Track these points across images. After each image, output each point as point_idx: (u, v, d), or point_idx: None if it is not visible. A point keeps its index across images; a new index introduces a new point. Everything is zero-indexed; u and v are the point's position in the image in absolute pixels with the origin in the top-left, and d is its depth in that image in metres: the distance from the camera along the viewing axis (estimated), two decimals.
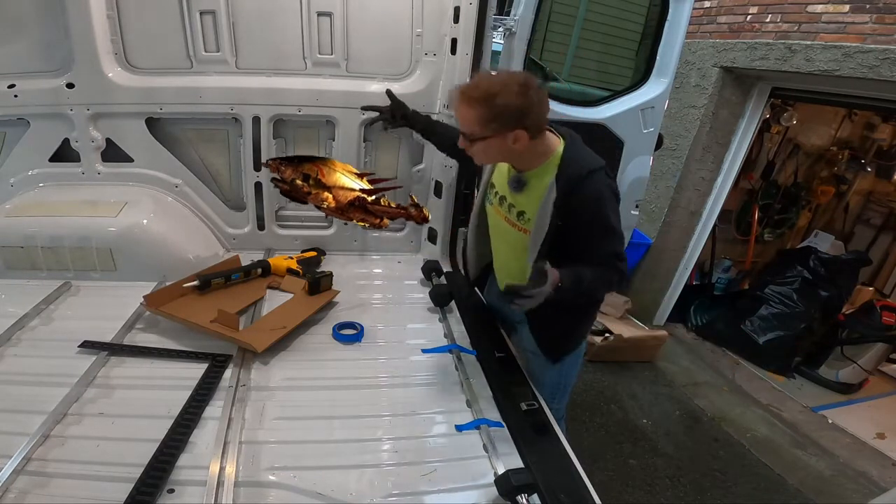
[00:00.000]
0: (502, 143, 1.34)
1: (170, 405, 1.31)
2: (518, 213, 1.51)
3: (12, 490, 1.04)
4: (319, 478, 1.16)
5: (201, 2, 1.93)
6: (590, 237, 1.42)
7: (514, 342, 1.85)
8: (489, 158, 1.47)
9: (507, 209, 1.54)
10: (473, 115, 1.31)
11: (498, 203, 1.58)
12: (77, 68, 1.92)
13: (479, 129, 1.33)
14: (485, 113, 1.30)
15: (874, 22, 2.76)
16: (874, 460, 2.98)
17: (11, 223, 1.88)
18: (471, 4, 1.98)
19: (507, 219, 1.55)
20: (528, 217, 1.48)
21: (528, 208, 1.47)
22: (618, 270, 1.45)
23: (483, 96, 1.29)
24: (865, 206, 5.11)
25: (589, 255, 1.43)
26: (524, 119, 1.30)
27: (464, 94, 1.32)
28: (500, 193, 1.57)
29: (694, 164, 3.79)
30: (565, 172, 1.39)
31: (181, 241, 2.07)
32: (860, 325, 3.74)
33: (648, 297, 4.17)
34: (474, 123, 1.32)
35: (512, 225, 1.54)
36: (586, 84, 3.58)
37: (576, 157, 1.42)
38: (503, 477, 1.14)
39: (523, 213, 1.50)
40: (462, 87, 1.36)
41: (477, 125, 1.32)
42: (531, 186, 1.46)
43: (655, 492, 2.60)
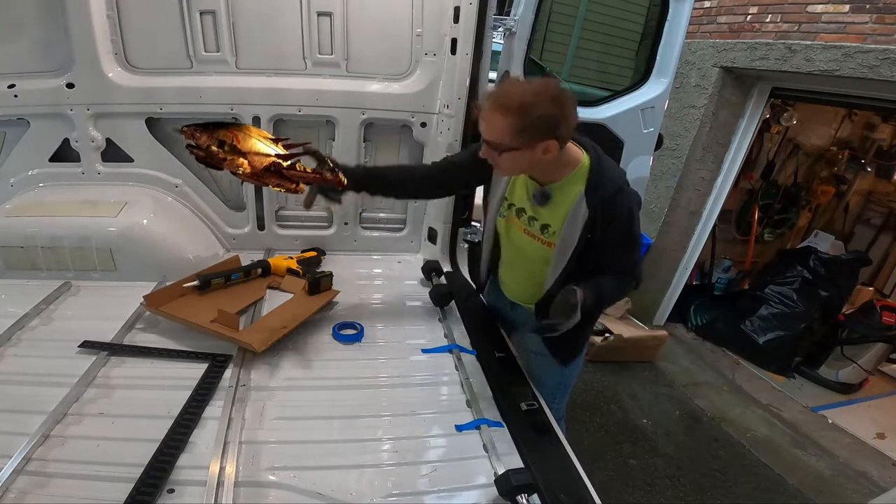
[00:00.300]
0: (532, 155, 1.29)
1: (170, 405, 1.31)
2: (542, 227, 1.48)
3: (12, 490, 1.04)
4: (319, 478, 1.16)
5: (201, 2, 1.93)
6: (617, 251, 1.45)
7: (514, 342, 1.85)
8: (514, 170, 1.42)
9: (528, 222, 1.51)
10: (506, 125, 1.25)
11: (515, 215, 1.55)
12: (77, 68, 1.92)
13: (509, 139, 1.26)
14: (518, 123, 1.24)
15: (874, 22, 2.76)
16: (874, 460, 2.98)
17: (11, 223, 1.88)
18: (471, 4, 1.98)
19: (528, 231, 1.52)
20: (552, 230, 1.46)
21: (553, 221, 1.45)
22: (635, 278, 1.53)
23: (518, 106, 1.23)
24: (865, 206, 5.11)
25: (612, 266, 1.48)
26: (556, 129, 1.26)
27: (497, 103, 1.26)
28: (516, 206, 1.54)
29: (694, 164, 3.79)
30: (596, 188, 1.37)
31: (181, 241, 2.07)
32: (860, 325, 3.74)
33: (648, 297, 4.17)
34: (505, 133, 1.26)
35: (533, 237, 1.51)
36: (586, 84, 3.58)
37: (604, 170, 1.40)
38: (503, 477, 1.14)
39: (547, 226, 1.47)
40: (495, 95, 1.30)
41: (508, 135, 1.26)
42: (556, 200, 1.43)
43: (655, 492, 2.60)
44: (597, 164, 1.39)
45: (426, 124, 2.23)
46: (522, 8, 2.17)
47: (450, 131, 2.16)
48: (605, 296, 1.48)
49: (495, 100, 1.27)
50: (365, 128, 2.23)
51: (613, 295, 1.54)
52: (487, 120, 1.29)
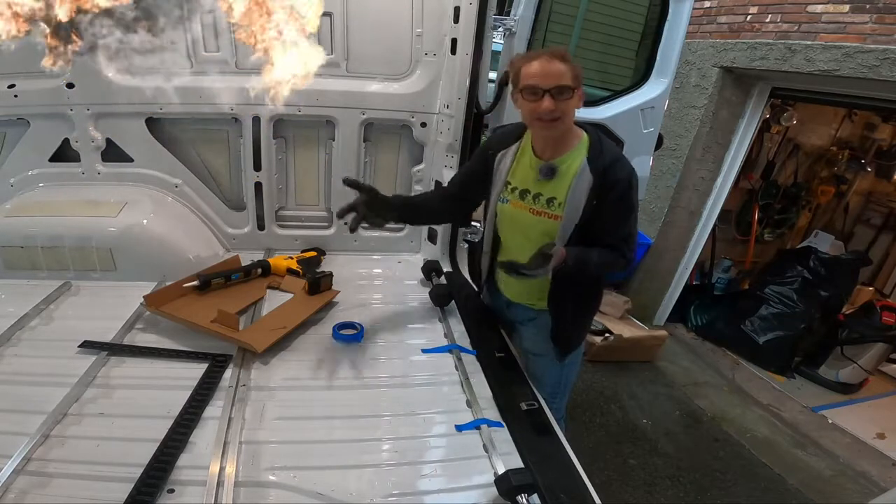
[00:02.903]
0: (577, 102, 1.45)
1: (170, 405, 1.31)
2: (548, 200, 1.54)
3: (12, 490, 1.04)
4: (319, 478, 1.16)
5: (201, 2, 1.93)
6: (615, 217, 1.50)
7: (514, 342, 1.85)
8: (568, 118, 1.49)
9: (533, 200, 1.56)
10: (569, 70, 1.40)
11: (518, 198, 1.59)
12: (77, 68, 1.92)
13: (573, 81, 1.40)
14: (574, 68, 1.41)
15: (874, 22, 2.76)
16: (874, 460, 2.98)
17: (11, 223, 1.88)
18: (471, 4, 1.98)
19: (533, 209, 1.57)
20: (558, 202, 1.52)
21: (559, 193, 1.52)
22: (625, 256, 1.56)
23: (568, 55, 1.42)
24: (865, 206, 5.11)
25: (608, 235, 1.52)
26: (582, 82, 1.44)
27: (554, 54, 1.41)
28: (518, 188, 1.59)
29: (694, 164, 3.79)
30: (598, 156, 1.48)
31: (181, 241, 2.07)
32: (860, 325, 3.73)
33: (648, 297, 4.17)
34: (571, 77, 1.40)
35: (538, 214, 1.56)
36: (586, 84, 3.57)
37: (604, 142, 1.53)
38: (503, 477, 1.14)
39: (553, 198, 1.53)
40: (543, 52, 1.45)
41: (572, 78, 1.40)
42: (561, 172, 1.51)
43: (655, 492, 2.60)
44: (596, 137, 1.52)
45: (426, 124, 2.23)
46: (522, 8, 2.16)
47: (450, 131, 2.16)
48: (590, 260, 1.51)
49: (549, 53, 1.42)
50: (365, 128, 2.23)
51: (601, 263, 1.54)
52: (547, 68, 1.40)
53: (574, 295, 1.64)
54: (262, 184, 2.25)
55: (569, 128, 1.50)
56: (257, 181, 2.24)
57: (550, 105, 1.40)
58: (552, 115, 1.41)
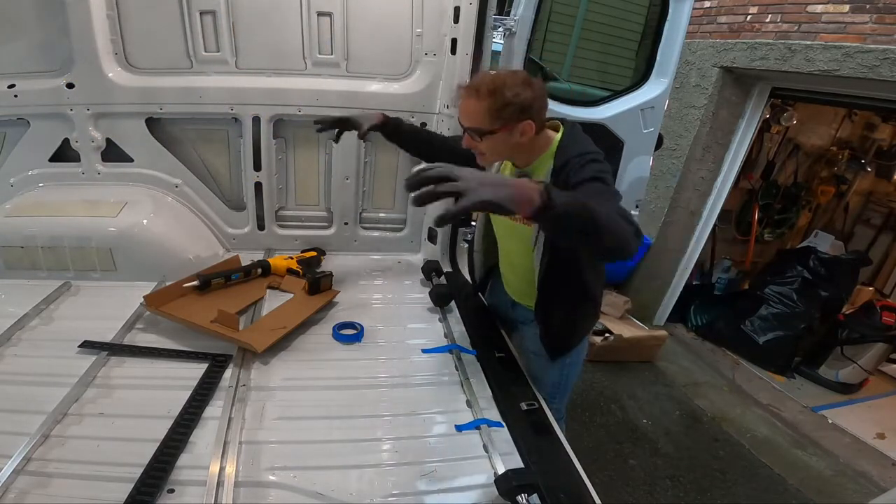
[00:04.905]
0: (510, 137, 1.34)
1: (170, 405, 1.31)
2: None
3: (12, 490, 1.04)
4: (319, 478, 1.16)
5: (201, 2, 1.93)
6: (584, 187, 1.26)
7: (514, 342, 1.85)
8: (496, 155, 1.45)
9: None
10: (482, 108, 1.31)
11: None
12: (77, 68, 1.92)
13: (488, 121, 1.32)
14: (493, 104, 1.29)
15: (874, 22, 2.76)
16: (874, 460, 2.98)
17: (11, 223, 1.88)
18: (471, 4, 1.98)
19: (512, 217, 1.54)
20: None
21: None
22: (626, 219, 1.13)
23: (491, 88, 1.29)
24: (865, 206, 5.11)
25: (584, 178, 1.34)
26: (530, 110, 1.32)
27: (471, 89, 1.33)
28: None
29: (694, 164, 3.79)
30: (561, 154, 1.39)
31: (181, 241, 2.07)
32: (860, 325, 3.74)
33: (648, 297, 4.17)
34: (485, 116, 1.31)
35: (518, 221, 1.54)
36: (586, 84, 3.58)
37: (574, 140, 1.42)
38: (503, 477, 1.14)
39: None
40: (468, 84, 1.37)
41: (487, 118, 1.31)
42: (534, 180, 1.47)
43: (655, 492, 2.60)
44: (567, 136, 1.42)
45: (426, 124, 2.22)
46: (522, 8, 2.17)
47: (450, 131, 2.16)
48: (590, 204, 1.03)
49: (469, 86, 1.34)
50: None
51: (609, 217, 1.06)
52: (463, 107, 1.35)
53: (561, 300, 1.60)
54: (262, 184, 2.25)
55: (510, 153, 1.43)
56: (257, 181, 2.24)
57: (468, 143, 1.38)
58: (473, 151, 1.40)
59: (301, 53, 2.09)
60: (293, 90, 2.11)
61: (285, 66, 2.09)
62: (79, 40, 1.87)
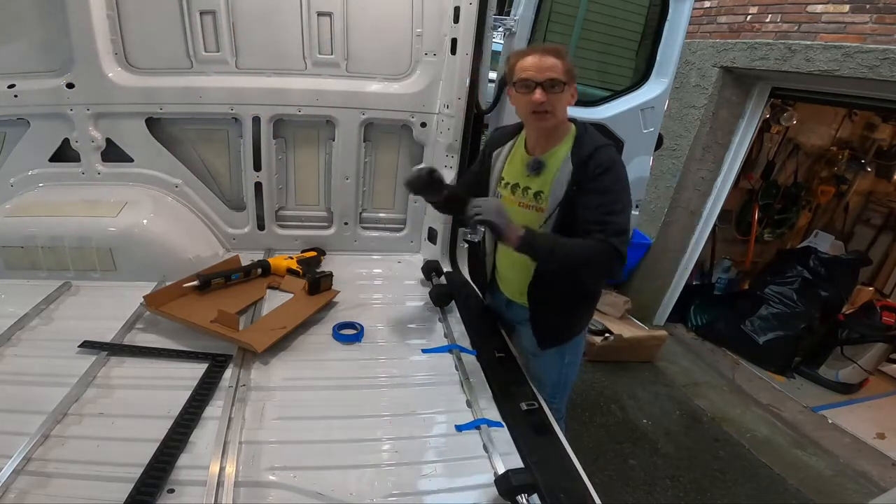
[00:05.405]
0: (569, 98, 1.49)
1: (170, 405, 1.31)
2: (535, 194, 1.57)
3: (12, 490, 1.04)
4: (319, 478, 1.16)
5: (201, 2, 1.93)
6: (591, 200, 1.45)
7: (514, 342, 1.85)
8: (561, 111, 1.52)
9: (522, 193, 1.60)
10: (560, 64, 1.45)
11: (510, 192, 1.63)
12: (77, 68, 1.92)
13: (565, 76, 1.45)
14: (566, 64, 1.46)
15: (874, 22, 2.76)
16: (874, 460, 2.98)
17: (11, 223, 1.88)
18: (471, 4, 1.98)
19: (522, 203, 1.60)
20: (544, 195, 1.55)
21: (545, 187, 1.54)
22: (607, 245, 1.38)
23: (563, 51, 1.48)
24: (865, 206, 5.11)
25: (585, 222, 1.44)
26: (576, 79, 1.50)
27: (548, 49, 1.47)
28: (510, 183, 1.63)
29: (694, 164, 3.79)
30: (580, 146, 1.50)
31: (181, 241, 2.07)
32: (860, 325, 3.73)
33: (648, 297, 4.17)
34: (562, 71, 1.45)
35: (526, 207, 1.59)
36: (586, 84, 3.57)
37: (590, 133, 1.55)
38: (503, 477, 1.14)
39: (540, 192, 1.56)
40: (536, 47, 1.52)
41: (563, 72, 1.45)
42: (548, 167, 1.55)
43: (655, 492, 2.60)
44: (583, 129, 1.56)
45: (426, 124, 2.23)
46: (522, 8, 2.16)
47: (450, 131, 2.16)
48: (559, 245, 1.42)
49: (543, 48, 1.48)
50: (365, 128, 2.23)
51: (571, 253, 1.42)
52: (540, 63, 1.45)
53: (553, 292, 1.63)
54: (262, 184, 2.25)
55: (560, 122, 1.53)
56: (257, 181, 2.24)
57: (541, 97, 1.44)
58: (543, 107, 1.45)
59: (301, 53, 2.09)
60: (293, 90, 2.11)
61: (285, 65, 2.10)
62: (79, 40, 1.88)
